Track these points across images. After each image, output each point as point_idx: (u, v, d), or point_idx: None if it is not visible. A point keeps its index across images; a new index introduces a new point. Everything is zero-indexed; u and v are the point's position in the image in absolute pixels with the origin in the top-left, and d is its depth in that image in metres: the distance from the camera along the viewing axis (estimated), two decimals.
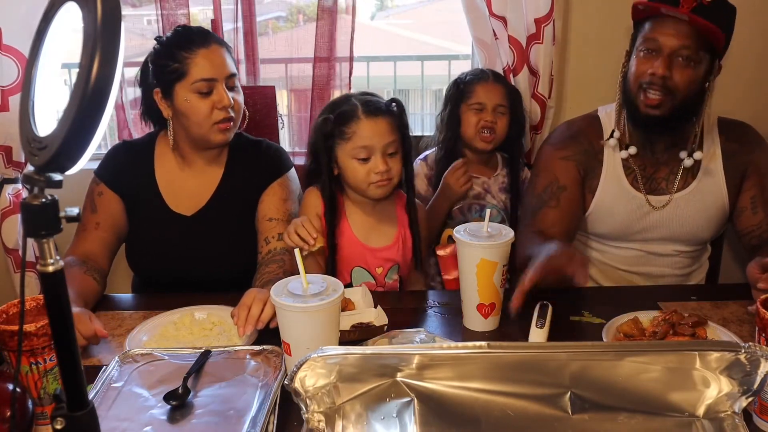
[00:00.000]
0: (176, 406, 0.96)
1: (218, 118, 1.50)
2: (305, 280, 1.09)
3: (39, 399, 0.99)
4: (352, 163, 1.46)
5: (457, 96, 1.86)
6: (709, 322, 1.24)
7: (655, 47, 1.41)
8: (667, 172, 1.54)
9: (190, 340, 1.28)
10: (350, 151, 1.45)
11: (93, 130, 0.63)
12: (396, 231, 1.56)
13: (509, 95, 1.86)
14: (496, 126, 1.81)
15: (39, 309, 1.03)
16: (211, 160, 1.62)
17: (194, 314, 1.35)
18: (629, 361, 0.90)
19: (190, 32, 1.54)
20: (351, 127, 1.45)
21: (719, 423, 0.89)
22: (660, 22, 1.40)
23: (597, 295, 1.53)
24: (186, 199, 1.61)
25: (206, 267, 1.60)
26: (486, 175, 1.89)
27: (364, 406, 0.93)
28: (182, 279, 1.59)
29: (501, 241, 1.27)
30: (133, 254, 1.63)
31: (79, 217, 0.66)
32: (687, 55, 1.38)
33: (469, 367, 0.92)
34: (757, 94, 2.22)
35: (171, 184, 1.61)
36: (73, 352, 0.69)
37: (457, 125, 1.85)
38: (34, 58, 0.69)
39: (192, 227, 1.60)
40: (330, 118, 1.47)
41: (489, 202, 1.87)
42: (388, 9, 3.64)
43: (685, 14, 1.36)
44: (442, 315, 1.39)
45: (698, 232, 1.57)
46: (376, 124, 1.44)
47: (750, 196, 1.52)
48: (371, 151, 1.44)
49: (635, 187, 1.54)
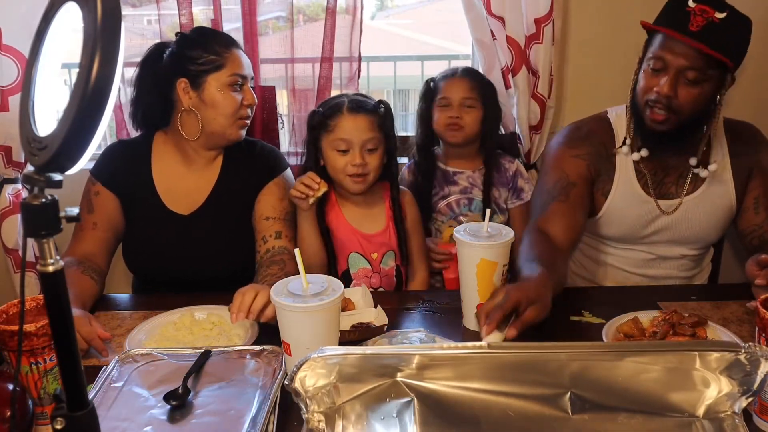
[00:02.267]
0: (176, 406, 0.96)
1: (243, 114, 1.56)
2: (305, 280, 1.09)
3: (39, 399, 0.99)
4: (333, 153, 1.57)
5: (427, 94, 1.90)
6: (709, 322, 1.24)
7: (662, 66, 1.38)
8: (677, 177, 1.53)
9: (190, 340, 1.28)
10: (332, 142, 1.56)
11: (93, 130, 0.63)
12: (385, 217, 1.65)
13: (478, 88, 1.86)
14: (461, 121, 1.83)
15: (39, 309, 1.03)
16: (209, 160, 1.63)
17: (194, 314, 1.35)
18: (629, 361, 0.90)
19: (220, 32, 1.67)
20: (334, 120, 1.56)
21: (719, 423, 0.89)
22: (669, 39, 1.37)
23: (597, 295, 1.53)
24: (183, 198, 1.61)
25: (203, 266, 1.60)
26: (470, 169, 1.91)
27: (364, 406, 0.93)
28: (179, 278, 1.59)
29: (501, 241, 1.27)
30: (129, 253, 1.63)
31: (79, 218, 0.66)
32: (694, 76, 1.36)
33: (469, 367, 0.92)
34: (757, 94, 2.22)
35: (168, 183, 1.62)
36: (73, 352, 0.69)
37: (429, 122, 1.90)
38: (34, 58, 0.69)
39: (189, 226, 1.60)
40: (318, 111, 1.59)
41: (475, 196, 1.89)
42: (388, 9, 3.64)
43: (692, 44, 1.32)
44: (442, 315, 1.39)
45: (705, 235, 1.57)
46: (356, 120, 1.55)
47: (754, 196, 1.52)
48: (350, 144, 1.55)
49: (646, 192, 1.54)
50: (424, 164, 1.91)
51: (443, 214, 1.90)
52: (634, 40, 1.52)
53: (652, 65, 1.40)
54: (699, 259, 1.64)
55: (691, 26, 1.33)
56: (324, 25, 2.15)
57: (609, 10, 2.09)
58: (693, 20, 1.32)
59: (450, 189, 1.90)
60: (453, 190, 1.90)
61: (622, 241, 1.60)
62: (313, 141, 1.61)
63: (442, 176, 1.91)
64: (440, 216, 1.90)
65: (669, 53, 1.36)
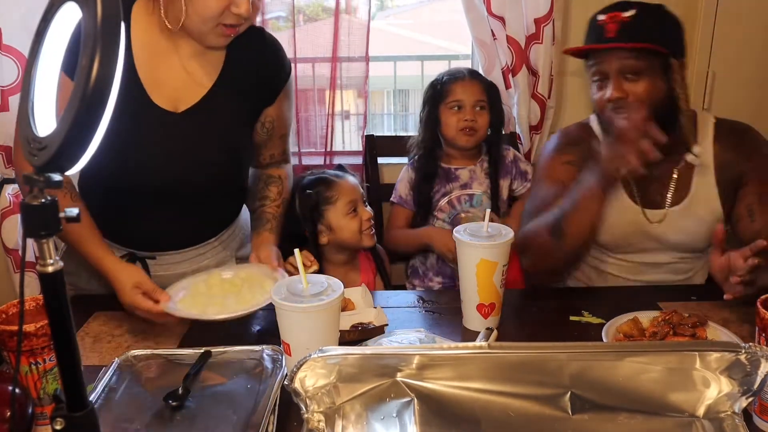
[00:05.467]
0: (176, 406, 0.96)
1: (227, 21, 1.28)
2: (305, 280, 1.09)
3: (39, 399, 0.99)
4: (344, 220, 1.69)
5: (435, 97, 1.88)
6: (709, 322, 1.24)
7: (602, 76, 1.42)
8: (659, 186, 1.52)
9: (222, 296, 1.30)
10: (342, 209, 1.68)
11: (93, 130, 0.63)
12: (359, 278, 1.76)
13: (487, 90, 1.88)
14: (476, 124, 1.83)
15: (39, 309, 1.03)
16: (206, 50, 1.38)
17: (221, 275, 1.38)
18: (629, 361, 0.90)
19: None
20: (332, 192, 1.69)
21: (719, 423, 0.89)
22: (595, 53, 1.42)
23: (597, 295, 1.53)
24: (172, 93, 1.36)
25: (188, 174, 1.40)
26: (471, 164, 1.92)
27: (364, 406, 0.93)
28: (156, 190, 1.38)
29: (501, 241, 1.27)
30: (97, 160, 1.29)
31: (79, 218, 0.66)
32: (633, 70, 1.38)
33: (469, 367, 0.92)
34: (758, 94, 2.22)
35: (154, 71, 1.35)
36: (73, 352, 0.69)
37: (435, 126, 1.88)
38: (34, 58, 0.69)
39: (180, 126, 1.36)
40: (311, 193, 1.68)
41: (476, 189, 1.90)
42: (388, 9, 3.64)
43: (612, 46, 1.37)
44: (442, 315, 1.39)
45: (696, 243, 1.55)
46: (348, 183, 1.72)
47: (746, 204, 1.47)
48: (356, 204, 1.70)
49: (633, 200, 1.53)
50: (428, 167, 1.90)
51: (444, 212, 1.91)
52: None
53: (596, 80, 1.44)
54: (695, 259, 1.62)
55: (608, 34, 1.39)
56: (332, 24, 2.15)
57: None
58: (607, 29, 1.39)
59: (451, 186, 1.91)
60: (454, 187, 1.90)
61: (615, 249, 1.59)
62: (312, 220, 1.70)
63: (443, 174, 1.91)
64: (441, 213, 1.91)
65: (601, 64, 1.41)
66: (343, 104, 2.42)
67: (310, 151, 2.37)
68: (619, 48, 1.37)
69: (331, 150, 2.34)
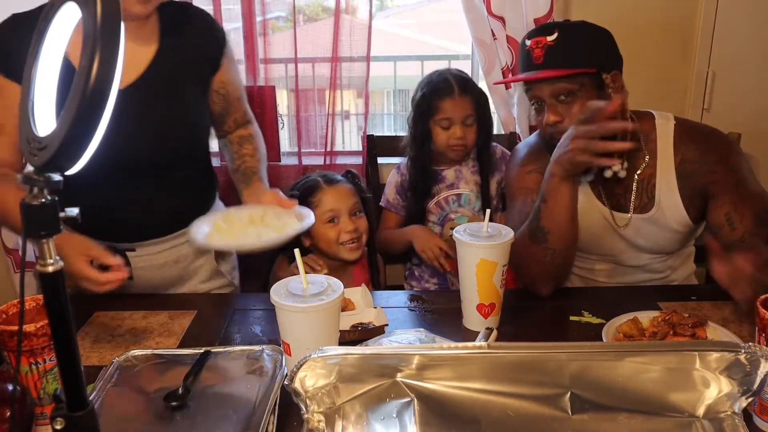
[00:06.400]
0: (176, 406, 0.96)
1: None
2: (305, 280, 1.09)
3: (39, 399, 0.99)
4: (323, 227, 1.65)
5: (426, 112, 1.87)
6: (709, 322, 1.24)
7: (538, 99, 1.44)
8: (623, 190, 1.51)
9: (242, 229, 1.31)
10: (320, 216, 1.63)
11: (93, 131, 0.63)
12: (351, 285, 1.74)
13: (476, 102, 1.87)
14: (465, 140, 1.85)
15: (39, 309, 1.03)
16: (141, 22, 1.39)
17: (237, 213, 1.40)
18: (629, 361, 0.90)
19: None
20: (316, 197, 1.67)
21: (719, 423, 0.89)
22: (527, 82, 1.44)
23: (597, 295, 1.52)
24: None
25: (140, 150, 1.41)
26: (456, 164, 1.94)
27: (364, 406, 0.93)
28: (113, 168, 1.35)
29: (501, 241, 1.27)
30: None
31: (79, 218, 0.66)
32: (566, 92, 1.39)
33: (469, 367, 0.92)
34: (757, 94, 2.22)
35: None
36: (73, 352, 0.69)
37: (426, 140, 1.89)
38: (33, 59, 0.69)
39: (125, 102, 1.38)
40: (295, 194, 1.63)
41: (463, 189, 1.91)
42: (388, 9, 3.64)
43: (539, 76, 1.38)
44: (442, 315, 1.39)
45: (665, 246, 1.54)
46: (337, 190, 1.68)
47: (723, 213, 1.42)
48: (338, 213, 1.66)
49: (601, 201, 1.52)
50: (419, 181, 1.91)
51: (433, 213, 1.92)
52: (633, 39, 1.52)
53: (533, 104, 1.46)
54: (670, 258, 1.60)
55: (536, 60, 1.40)
56: (333, 24, 2.16)
57: (608, 10, 2.09)
58: (534, 55, 1.40)
59: (438, 187, 1.92)
60: (441, 188, 1.92)
61: (588, 251, 1.59)
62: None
63: (429, 176, 1.92)
64: (431, 216, 1.92)
65: (534, 91, 1.43)
66: (343, 104, 2.43)
67: (311, 151, 2.37)
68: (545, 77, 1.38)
69: (331, 150, 2.34)
